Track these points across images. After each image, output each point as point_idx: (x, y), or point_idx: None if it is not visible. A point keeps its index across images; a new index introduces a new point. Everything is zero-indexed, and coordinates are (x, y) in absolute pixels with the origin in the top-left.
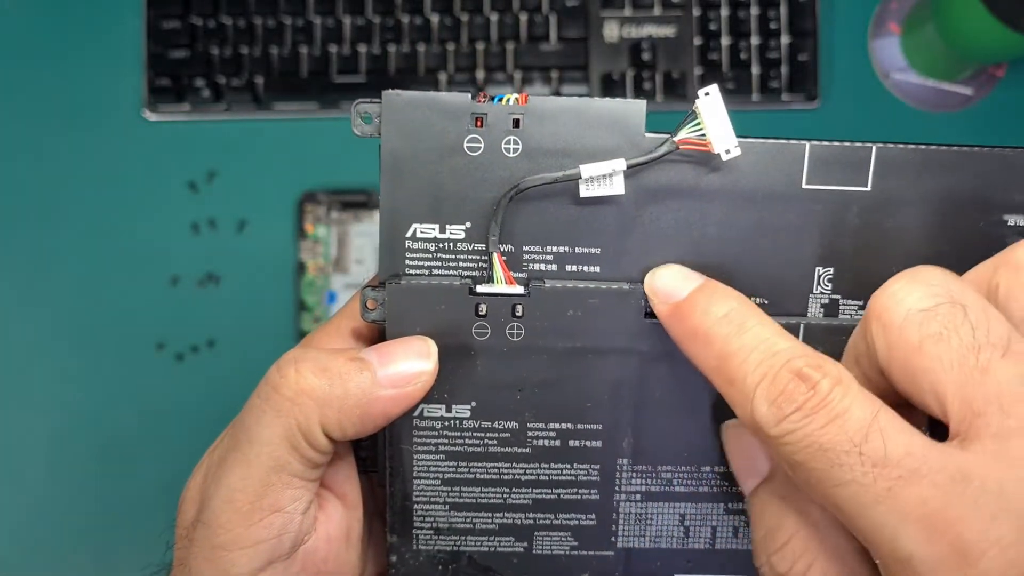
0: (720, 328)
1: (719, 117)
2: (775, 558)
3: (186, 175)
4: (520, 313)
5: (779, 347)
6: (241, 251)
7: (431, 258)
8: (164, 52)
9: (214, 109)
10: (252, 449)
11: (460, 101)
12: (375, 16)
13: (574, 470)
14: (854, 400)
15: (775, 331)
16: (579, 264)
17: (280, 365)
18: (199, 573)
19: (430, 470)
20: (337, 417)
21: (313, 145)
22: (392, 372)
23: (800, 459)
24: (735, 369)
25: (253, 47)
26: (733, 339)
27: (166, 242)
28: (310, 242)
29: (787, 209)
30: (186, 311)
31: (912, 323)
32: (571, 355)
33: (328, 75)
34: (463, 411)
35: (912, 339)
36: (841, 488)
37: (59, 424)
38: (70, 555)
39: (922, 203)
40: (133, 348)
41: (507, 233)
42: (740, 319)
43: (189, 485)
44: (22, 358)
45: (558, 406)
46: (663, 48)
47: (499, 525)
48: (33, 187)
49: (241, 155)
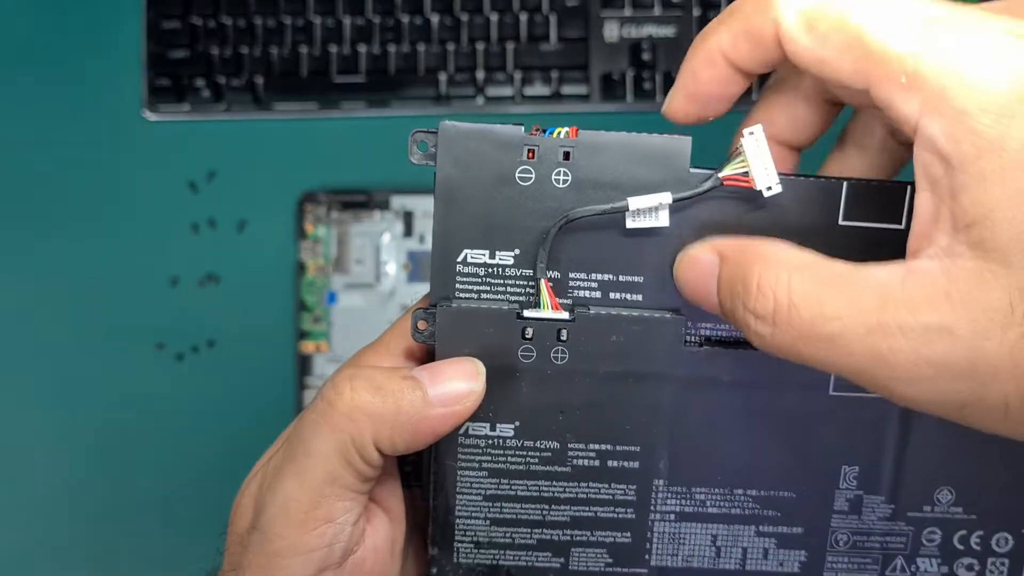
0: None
1: (762, 156)
2: (755, 304)
3: (186, 175)
4: (565, 338)
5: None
6: (241, 251)
7: (480, 282)
8: (164, 52)
9: (214, 109)
10: (308, 461)
11: (513, 133)
12: (375, 16)
13: (612, 489)
14: None
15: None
16: (623, 292)
17: (336, 382)
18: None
19: (473, 486)
20: (389, 433)
21: (313, 145)
22: (442, 391)
23: None
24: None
25: (253, 47)
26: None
27: (166, 242)
28: (310, 242)
29: (824, 245)
30: (186, 311)
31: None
32: (613, 379)
33: (328, 75)
34: (507, 430)
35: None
36: None
37: (59, 424)
38: (70, 555)
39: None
40: (133, 348)
41: (554, 260)
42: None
43: (243, 492)
44: (22, 358)
45: (598, 428)
46: (663, 48)
47: (537, 540)
48: (33, 187)
49: (241, 155)
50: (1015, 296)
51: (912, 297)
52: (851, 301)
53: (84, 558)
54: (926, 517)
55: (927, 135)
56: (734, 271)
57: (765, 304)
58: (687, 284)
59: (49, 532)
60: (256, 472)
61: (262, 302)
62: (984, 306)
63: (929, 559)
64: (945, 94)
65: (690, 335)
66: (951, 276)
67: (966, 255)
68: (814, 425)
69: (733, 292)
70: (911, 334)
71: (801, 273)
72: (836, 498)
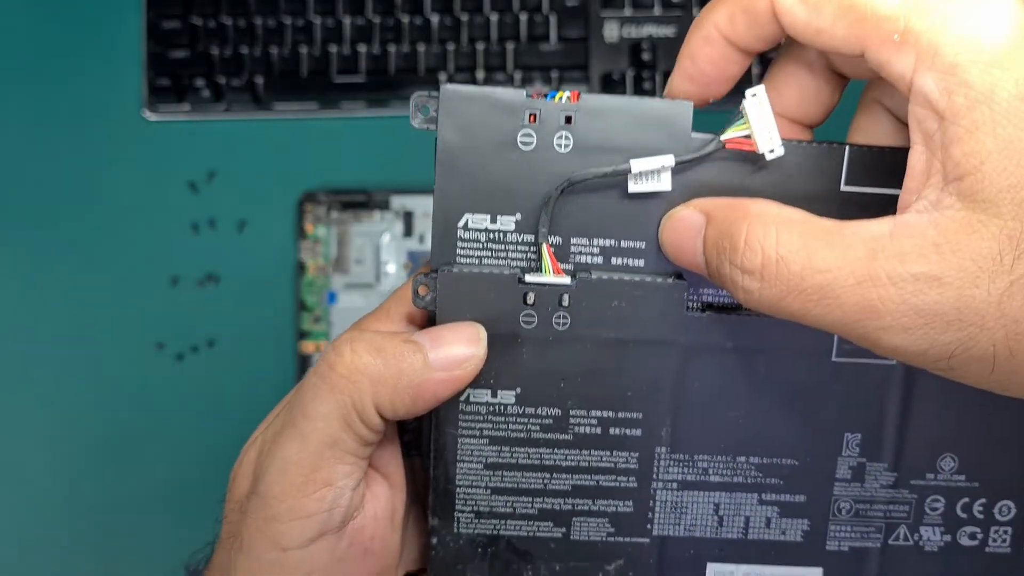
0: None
1: (765, 118)
2: (743, 259)
3: (186, 175)
4: (567, 303)
5: None
6: (241, 251)
7: (481, 248)
8: (164, 52)
9: (214, 109)
10: (307, 424)
11: (515, 97)
12: (375, 16)
13: (613, 457)
14: None
15: None
16: (625, 257)
17: (336, 345)
18: (251, 543)
19: (473, 454)
20: (390, 396)
21: (313, 145)
22: (443, 355)
23: None
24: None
25: (253, 47)
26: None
27: (166, 242)
28: (310, 242)
29: (826, 211)
30: (186, 311)
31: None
32: (614, 345)
33: (328, 75)
34: (508, 397)
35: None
36: None
37: (59, 424)
38: (70, 555)
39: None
40: (133, 348)
41: (556, 225)
42: None
43: (242, 460)
44: (22, 358)
45: (600, 394)
46: (663, 48)
47: (539, 510)
48: (33, 187)
49: (241, 155)
50: (1004, 245)
51: (902, 248)
52: (841, 253)
53: (84, 558)
54: (929, 485)
55: (921, 90)
56: (720, 228)
57: (752, 258)
58: (671, 244)
59: (49, 532)
60: (255, 439)
61: (262, 302)
62: (973, 255)
63: (932, 528)
64: (937, 49)
65: (692, 301)
66: (940, 227)
67: (955, 206)
68: (817, 392)
69: (719, 249)
70: (900, 283)
71: (789, 227)
72: (839, 466)
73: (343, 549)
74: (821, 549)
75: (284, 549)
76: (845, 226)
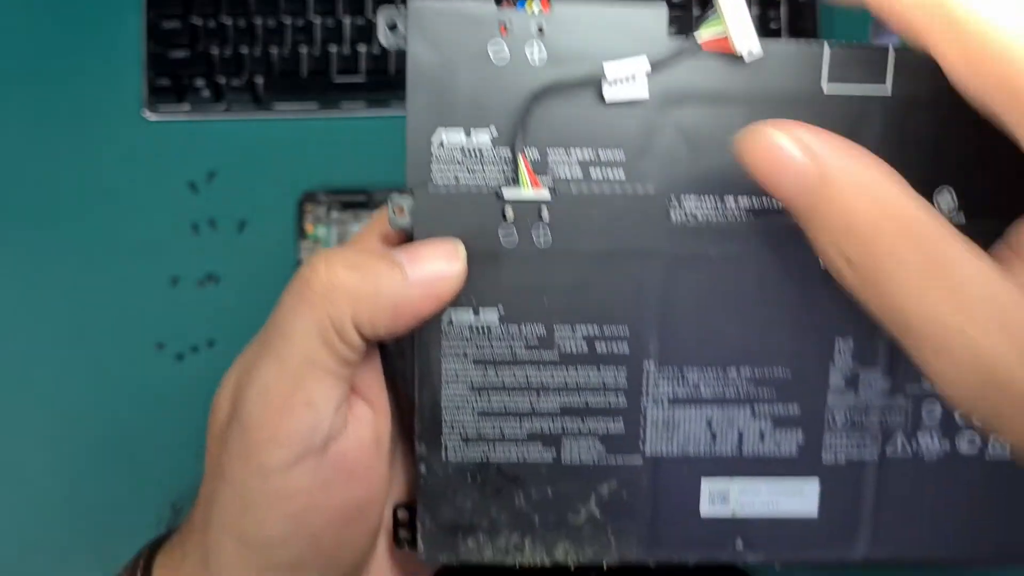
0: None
1: (740, 16)
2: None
3: (186, 175)
4: (546, 217)
5: None
6: (241, 251)
7: (457, 165)
8: (164, 52)
9: (214, 109)
10: (284, 344)
11: (485, 9)
12: (375, 16)
13: (601, 374)
14: None
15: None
16: (604, 169)
17: (311, 261)
18: (233, 472)
19: (459, 377)
20: (369, 312)
21: (313, 145)
22: (421, 272)
23: None
24: None
25: (253, 47)
26: None
27: (166, 242)
28: (310, 242)
29: (809, 113)
30: (186, 311)
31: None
32: (597, 258)
33: (328, 75)
34: (491, 316)
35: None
36: None
37: (58, 424)
38: (70, 555)
39: (940, 104)
40: (133, 348)
41: (532, 139)
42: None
43: (219, 393)
44: (21, 358)
45: (584, 309)
46: None
47: (528, 433)
48: (33, 187)
49: (241, 155)
50: None
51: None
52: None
53: (84, 558)
54: (925, 391)
55: None
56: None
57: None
58: (761, 171)
59: (49, 532)
60: (232, 370)
61: (262, 302)
62: None
63: (930, 434)
64: None
65: (674, 209)
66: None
67: None
68: (804, 296)
69: (832, 231)
70: None
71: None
72: (831, 374)
73: (327, 472)
74: (817, 461)
75: (266, 473)
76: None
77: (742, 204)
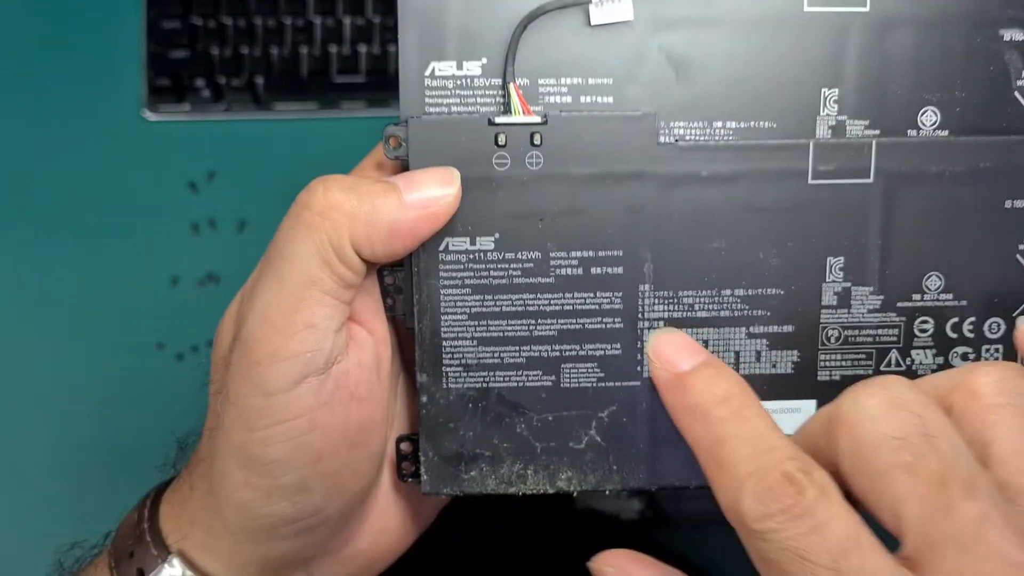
0: (718, 411)
1: None
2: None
3: (186, 175)
4: (538, 142)
5: (774, 444)
6: (241, 251)
7: (450, 95)
8: (164, 52)
9: (214, 109)
10: (284, 266)
11: None
12: (375, 16)
13: (597, 298)
14: (837, 513)
15: (770, 425)
16: (593, 95)
17: (309, 186)
18: (237, 391)
19: (457, 304)
20: (366, 233)
21: (313, 145)
22: (417, 195)
23: (775, 559)
24: (727, 455)
25: (253, 47)
26: (729, 425)
27: (166, 242)
28: None
29: (791, 33)
30: (186, 311)
31: (883, 449)
32: (590, 181)
33: (328, 75)
34: (487, 243)
35: (881, 465)
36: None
37: (59, 424)
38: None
39: (920, 21)
40: (133, 348)
41: (522, 68)
42: (739, 406)
43: (224, 319)
44: (21, 358)
45: (579, 233)
46: None
47: (526, 359)
48: (33, 187)
49: (241, 155)
50: None
51: None
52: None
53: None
54: (916, 306)
55: None
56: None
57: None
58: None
59: (49, 532)
60: (237, 297)
61: None
62: None
63: (924, 350)
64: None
65: (663, 132)
66: None
67: None
68: (795, 215)
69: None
70: None
71: None
72: (824, 292)
73: (329, 392)
74: (813, 380)
75: (269, 393)
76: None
77: (729, 126)
